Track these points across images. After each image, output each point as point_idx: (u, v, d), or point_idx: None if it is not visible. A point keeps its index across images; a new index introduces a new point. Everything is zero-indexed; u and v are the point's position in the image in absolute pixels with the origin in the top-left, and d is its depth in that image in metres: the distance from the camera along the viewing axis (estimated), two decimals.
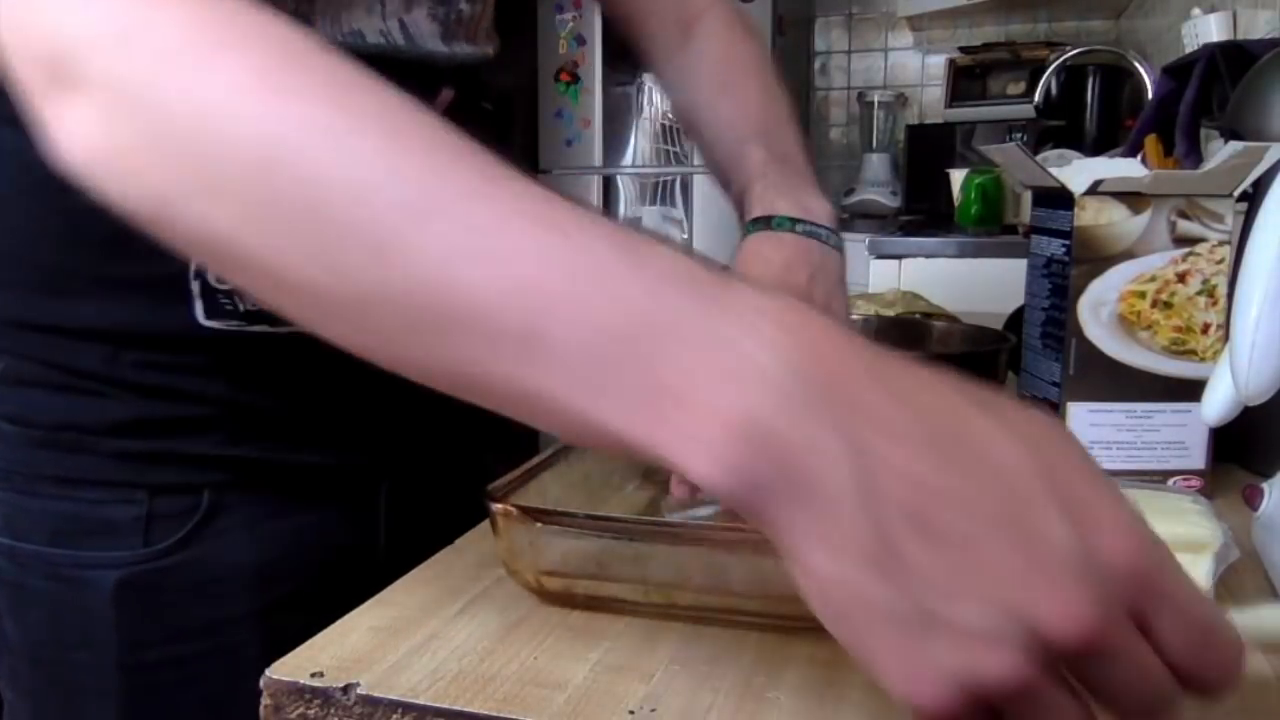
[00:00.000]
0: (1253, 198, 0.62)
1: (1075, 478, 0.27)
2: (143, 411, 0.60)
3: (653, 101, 3.03)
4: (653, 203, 2.91)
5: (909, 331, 0.98)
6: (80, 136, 0.37)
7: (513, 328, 0.30)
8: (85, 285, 0.57)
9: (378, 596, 0.50)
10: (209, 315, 0.58)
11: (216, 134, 0.34)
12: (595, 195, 2.97)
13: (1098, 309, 0.63)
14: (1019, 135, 2.64)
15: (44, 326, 0.58)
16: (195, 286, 0.57)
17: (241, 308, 0.58)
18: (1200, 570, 0.47)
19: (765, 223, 0.61)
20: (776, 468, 0.27)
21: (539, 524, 0.46)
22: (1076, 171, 0.64)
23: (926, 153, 2.91)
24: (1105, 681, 0.27)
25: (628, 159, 2.96)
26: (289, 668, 0.42)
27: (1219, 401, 0.51)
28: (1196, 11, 1.64)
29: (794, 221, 0.61)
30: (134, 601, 0.60)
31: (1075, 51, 2.38)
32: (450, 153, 0.33)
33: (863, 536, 0.27)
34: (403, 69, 0.60)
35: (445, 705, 0.39)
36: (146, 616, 0.61)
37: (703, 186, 2.92)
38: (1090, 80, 2.51)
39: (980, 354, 0.85)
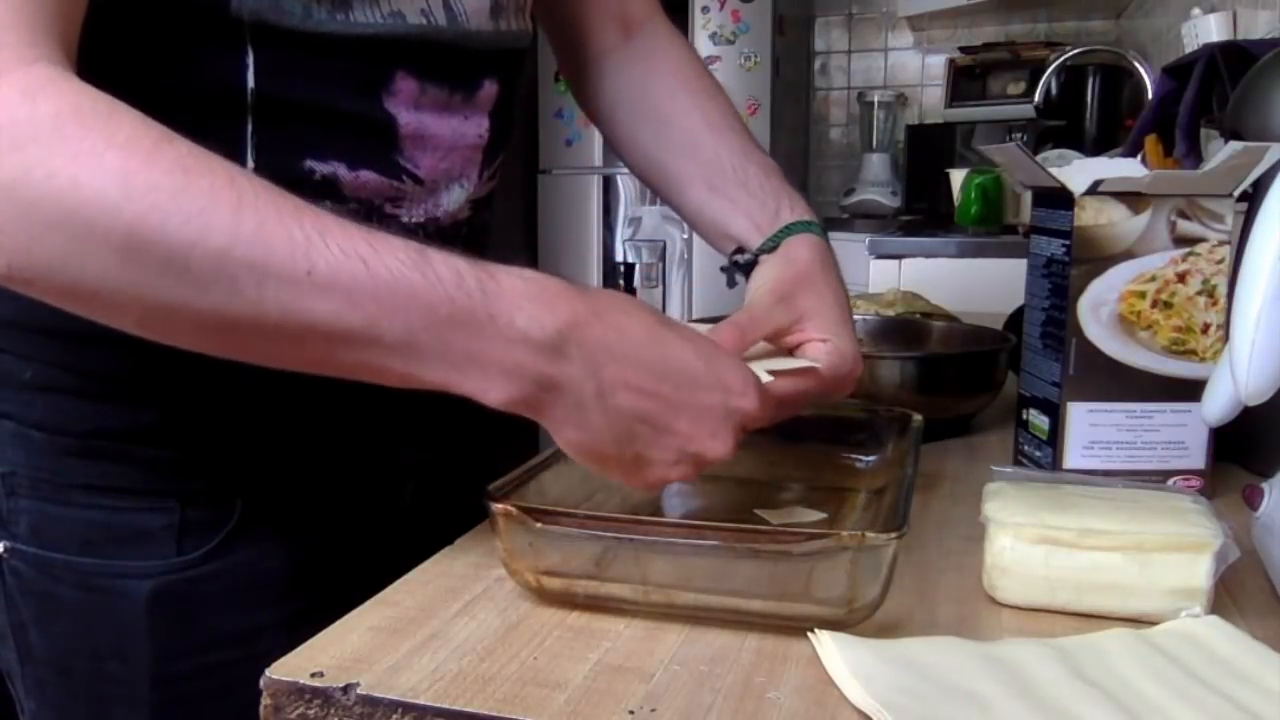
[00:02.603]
0: (1253, 198, 0.62)
1: (721, 363, 0.50)
2: (174, 419, 0.59)
3: None
4: (652, 203, 2.91)
5: (909, 331, 0.98)
6: None
7: (354, 337, 0.45)
8: None
9: (378, 596, 0.50)
10: None
11: (95, 221, 0.42)
12: (595, 195, 2.97)
13: (1098, 309, 0.63)
14: (1019, 135, 2.64)
15: (73, 333, 0.57)
16: None
17: None
18: (1200, 570, 0.47)
19: (801, 227, 0.65)
20: (543, 390, 0.47)
21: (539, 524, 0.46)
22: (1076, 171, 0.64)
23: (926, 153, 2.91)
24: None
25: None
26: (289, 668, 0.42)
27: (1219, 401, 0.51)
28: (1196, 11, 1.64)
29: (809, 224, 0.66)
30: (167, 611, 0.60)
31: (1075, 51, 2.38)
32: (279, 216, 0.44)
33: (599, 420, 0.48)
34: (444, 57, 0.60)
35: (445, 705, 0.39)
36: (179, 626, 0.60)
37: None
38: (1090, 80, 2.52)
39: (980, 354, 0.85)
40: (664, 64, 0.75)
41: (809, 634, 0.44)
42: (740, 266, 0.67)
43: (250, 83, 0.54)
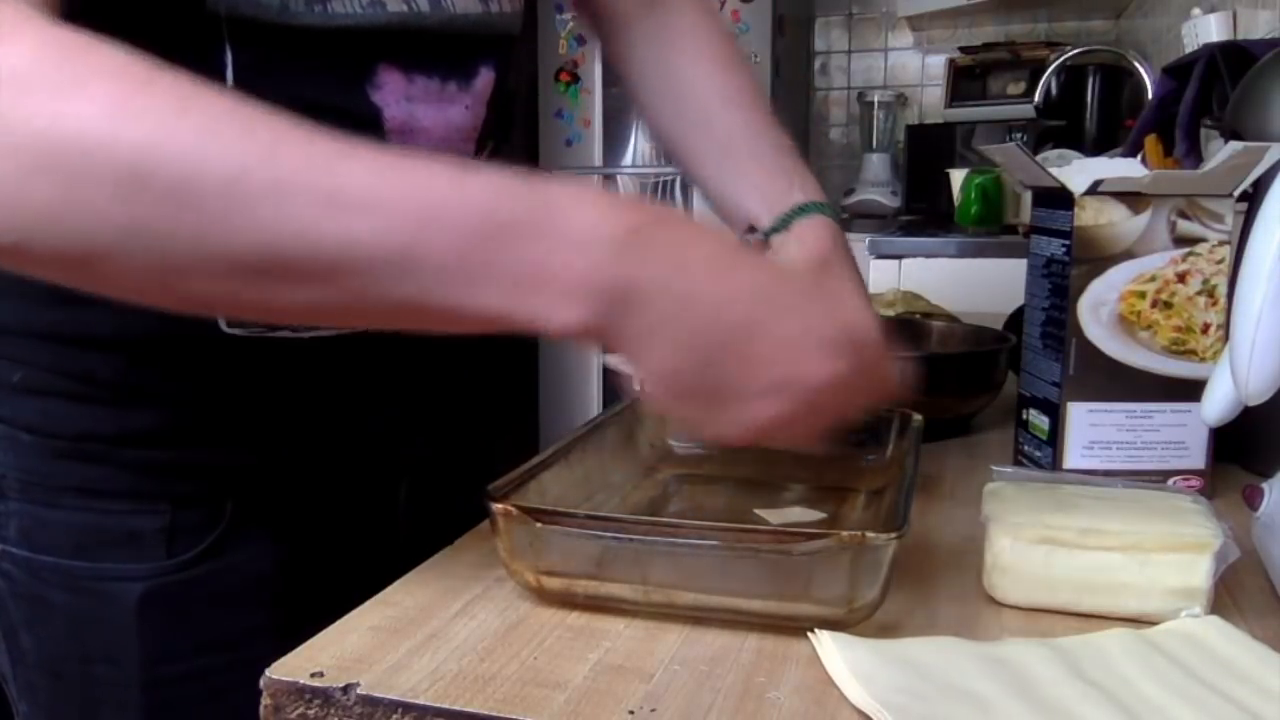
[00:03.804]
0: (1253, 198, 0.62)
1: (829, 280, 0.45)
2: (165, 421, 0.59)
3: None
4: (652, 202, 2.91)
5: (909, 331, 0.98)
6: None
7: (391, 262, 0.38)
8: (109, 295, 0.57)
9: (378, 596, 0.50)
10: (231, 322, 0.57)
11: (88, 157, 0.37)
12: None
13: (1098, 309, 0.63)
14: (1019, 135, 2.64)
15: (64, 336, 0.57)
16: None
17: None
18: (1200, 570, 0.47)
19: (814, 208, 0.65)
20: (619, 306, 0.39)
21: (539, 524, 0.46)
22: (1076, 171, 0.64)
23: (926, 153, 2.91)
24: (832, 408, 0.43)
25: (628, 159, 2.96)
26: (289, 668, 0.42)
27: (1219, 401, 0.51)
28: (1196, 11, 1.64)
29: (822, 206, 0.66)
30: (158, 614, 0.59)
31: (1075, 51, 2.38)
32: (294, 134, 0.39)
33: (683, 336, 0.40)
34: (429, 46, 0.58)
35: (445, 705, 0.39)
36: (170, 629, 0.60)
37: None
38: (1090, 80, 2.52)
39: (980, 354, 0.85)
40: (685, 35, 0.74)
41: (809, 634, 0.44)
42: (750, 246, 0.66)
43: (229, 80, 0.53)
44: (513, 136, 0.69)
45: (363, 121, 0.57)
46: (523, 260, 0.39)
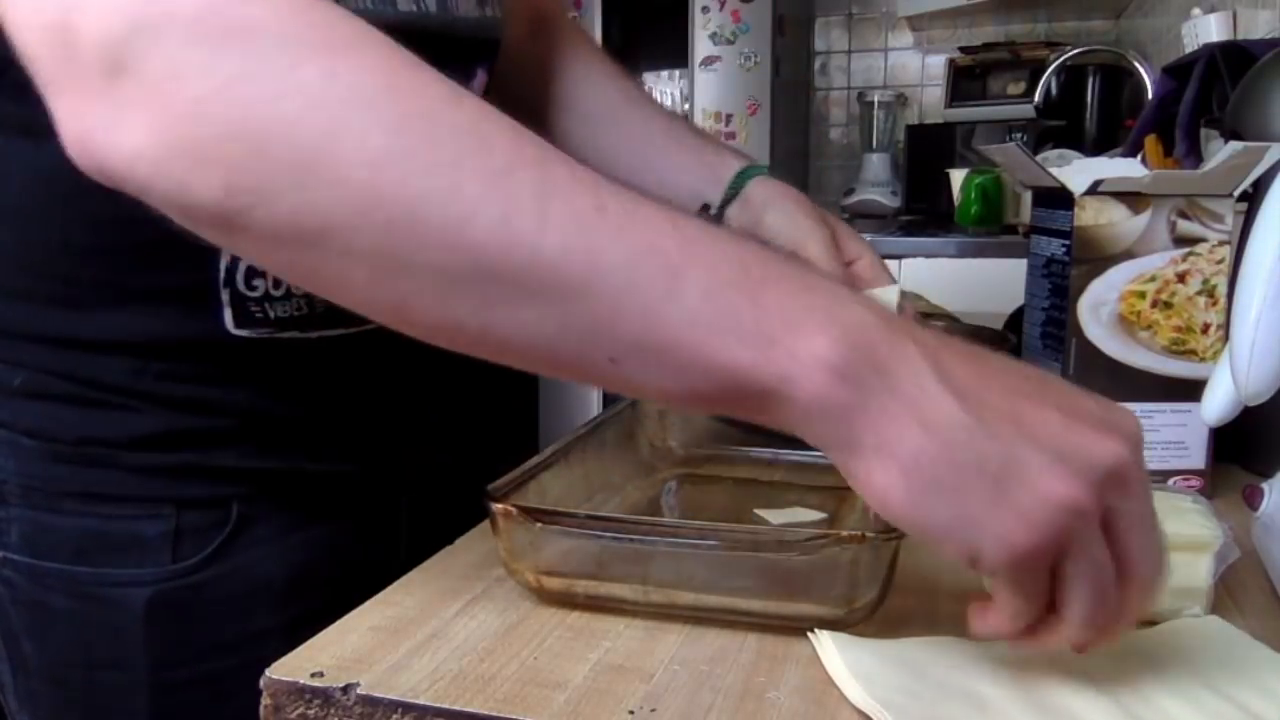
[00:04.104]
0: (1253, 198, 0.62)
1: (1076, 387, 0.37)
2: (169, 424, 0.59)
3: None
4: None
5: None
6: (138, 129, 0.35)
7: (649, 290, 0.35)
8: (111, 296, 0.56)
9: (378, 596, 0.50)
10: (239, 324, 0.57)
11: (349, 115, 0.34)
12: None
13: (1098, 309, 0.63)
14: (1019, 135, 2.64)
15: (67, 340, 0.57)
16: (225, 295, 0.56)
17: (272, 315, 0.57)
18: (1200, 570, 0.47)
19: (755, 170, 0.66)
20: (872, 367, 0.34)
21: (539, 524, 0.46)
22: (1076, 171, 0.64)
23: (926, 153, 2.91)
24: (1122, 523, 0.35)
25: None
26: (289, 668, 0.42)
27: (1219, 401, 0.51)
28: (1196, 11, 1.64)
29: (762, 167, 0.67)
30: (164, 619, 0.59)
31: (1075, 51, 2.38)
32: (555, 151, 0.36)
33: (948, 406, 0.34)
34: (435, 45, 0.59)
35: (445, 705, 0.39)
36: (176, 634, 0.60)
37: None
38: (1090, 80, 2.51)
39: None
40: (573, 55, 0.77)
41: (809, 634, 0.44)
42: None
43: None
44: None
45: None
46: (778, 313, 0.35)
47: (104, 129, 0.36)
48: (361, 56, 0.35)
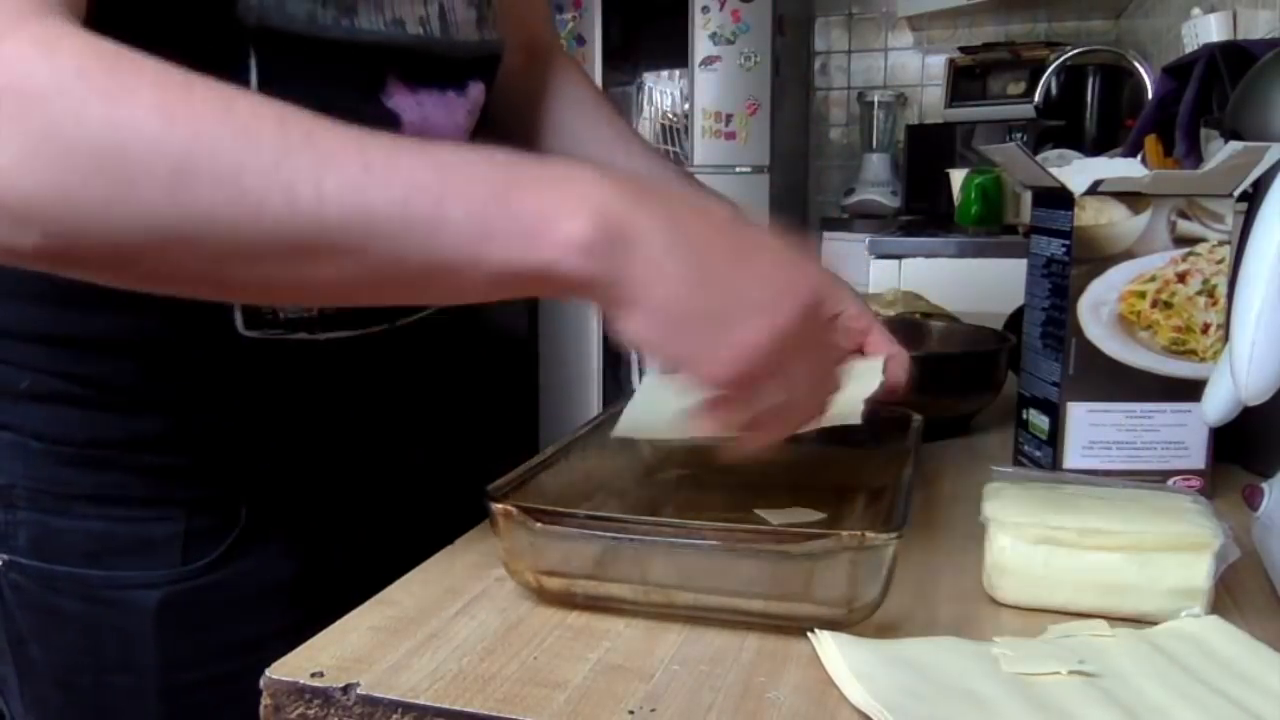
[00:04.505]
0: (1253, 198, 0.62)
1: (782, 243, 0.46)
2: (178, 426, 0.59)
3: (653, 101, 3.03)
4: None
5: (909, 331, 0.98)
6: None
7: (420, 224, 0.41)
8: (119, 299, 0.56)
9: (378, 596, 0.50)
10: (248, 325, 0.57)
11: (141, 157, 0.40)
12: None
13: (1098, 309, 0.63)
14: (1019, 135, 2.64)
15: (76, 341, 0.57)
16: None
17: (282, 316, 0.57)
18: (1200, 570, 0.47)
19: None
20: (620, 241, 0.42)
21: (539, 524, 0.46)
22: (1076, 171, 0.64)
23: (926, 153, 2.91)
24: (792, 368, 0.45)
25: None
26: (289, 668, 0.42)
27: (1219, 401, 0.51)
28: (1196, 11, 1.64)
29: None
30: (175, 621, 0.59)
31: (1075, 51, 2.38)
32: (324, 123, 0.42)
33: (681, 267, 0.42)
34: (433, 64, 0.62)
35: (445, 705, 0.39)
36: (187, 635, 0.60)
37: None
38: (1090, 80, 2.52)
39: (980, 354, 0.85)
40: (564, 89, 0.81)
41: (809, 634, 0.44)
42: None
43: (253, 86, 0.54)
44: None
45: (380, 125, 0.58)
46: (533, 212, 0.42)
47: None
48: (137, 99, 0.40)
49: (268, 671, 0.42)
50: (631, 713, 0.39)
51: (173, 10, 0.51)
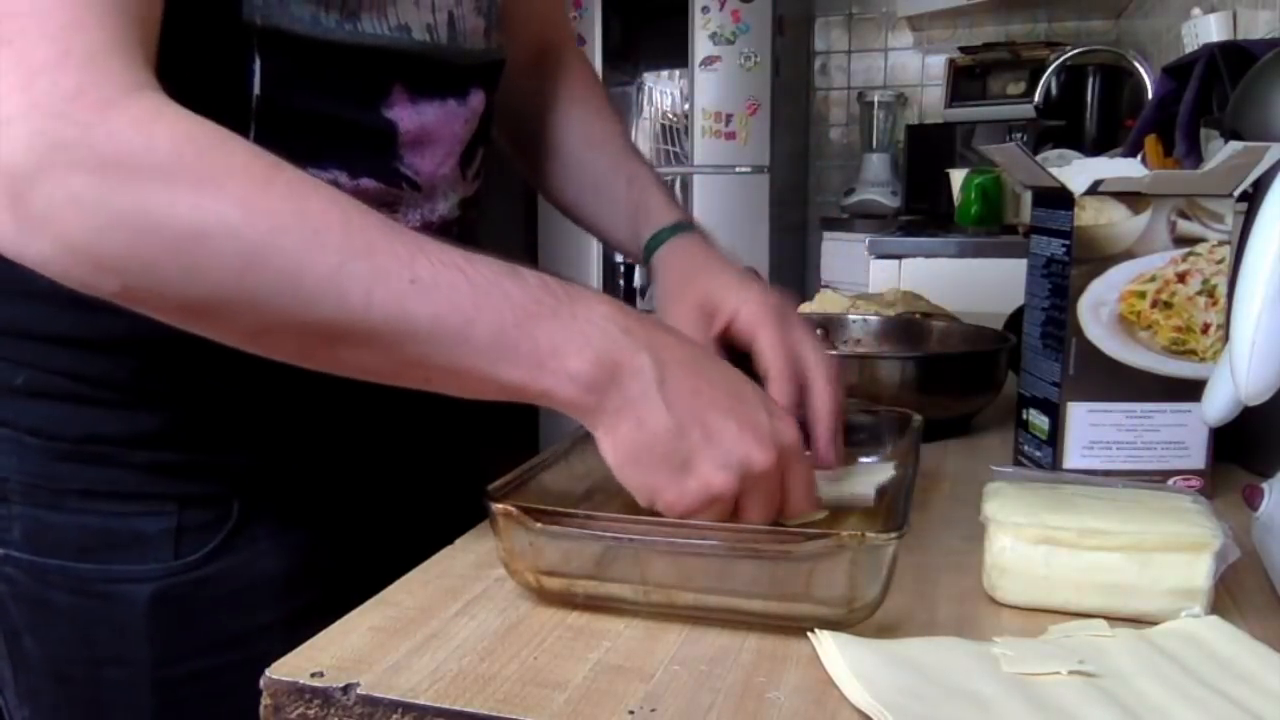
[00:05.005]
0: (1253, 198, 0.62)
1: (760, 392, 0.52)
2: (171, 422, 0.59)
3: (653, 101, 3.03)
4: None
5: (909, 331, 0.98)
6: (44, 246, 0.44)
7: (448, 338, 0.47)
8: None
9: (378, 596, 0.50)
10: None
11: (217, 244, 0.44)
12: None
13: (1098, 309, 0.63)
14: (1019, 135, 2.64)
15: (71, 339, 0.57)
16: None
17: None
18: (1200, 570, 0.47)
19: (673, 230, 0.73)
20: (611, 377, 0.48)
21: (539, 524, 0.46)
22: (1076, 171, 0.64)
23: (926, 153, 2.91)
24: (758, 498, 0.49)
25: None
26: (289, 668, 0.42)
27: (1219, 401, 0.51)
28: (1196, 11, 1.64)
29: (674, 229, 0.73)
30: (167, 615, 0.60)
31: (1075, 51, 2.38)
32: (383, 231, 0.47)
33: (658, 413, 0.48)
34: (437, 71, 0.63)
35: (445, 705, 0.39)
36: (179, 629, 0.60)
37: (703, 186, 2.92)
38: (1090, 80, 2.52)
39: (980, 354, 0.85)
40: (557, 91, 0.81)
41: (809, 634, 0.44)
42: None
43: (256, 89, 0.54)
44: (492, 133, 0.73)
45: (378, 135, 0.59)
46: (550, 340, 0.47)
47: (11, 240, 0.45)
48: (222, 189, 0.44)
49: (268, 671, 0.42)
50: (631, 713, 0.39)
51: (179, 10, 0.51)
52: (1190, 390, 0.62)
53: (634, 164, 0.78)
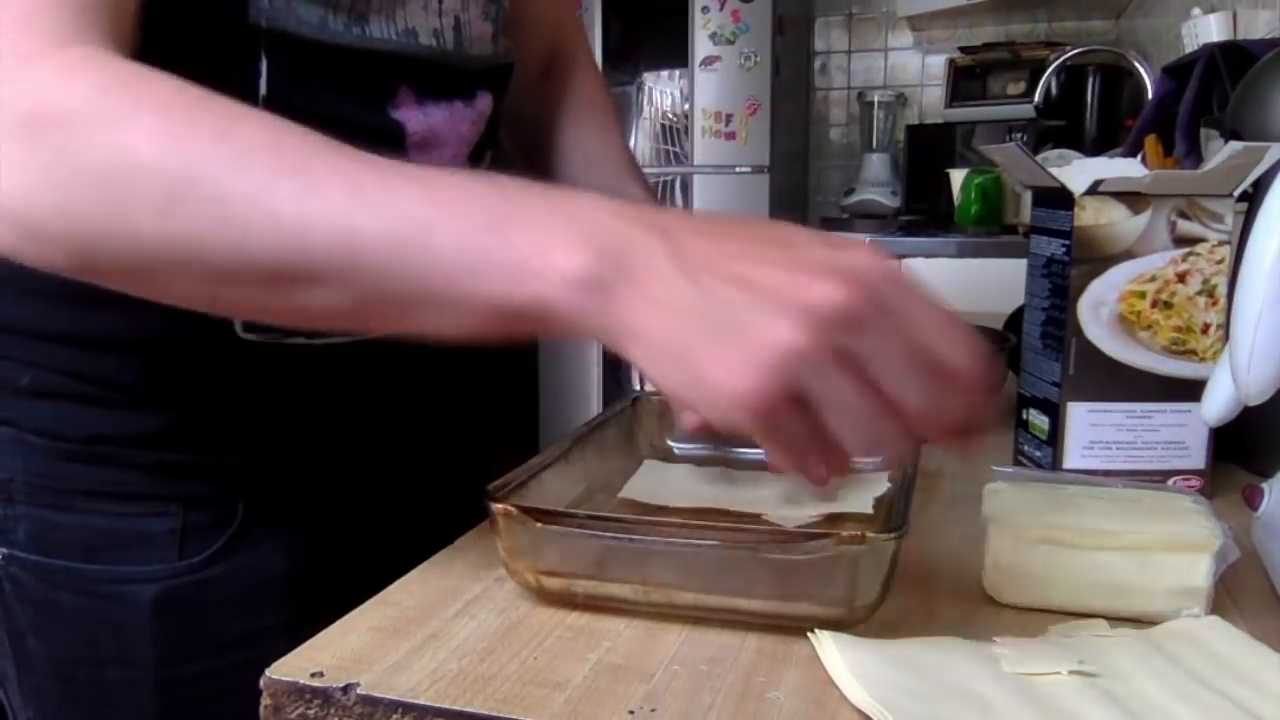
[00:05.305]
0: (1253, 198, 0.62)
1: (830, 238, 0.40)
2: (176, 423, 0.59)
3: (653, 101, 3.03)
4: None
5: None
6: (11, 184, 0.41)
7: (409, 250, 0.39)
8: (120, 296, 0.57)
9: (378, 596, 0.50)
10: (246, 328, 0.57)
11: (132, 180, 0.40)
12: None
13: (1098, 309, 0.63)
14: (1019, 135, 2.64)
15: (77, 339, 0.58)
16: None
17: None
18: (1200, 570, 0.47)
19: None
20: (615, 267, 0.38)
21: (539, 524, 0.46)
22: (1076, 171, 0.64)
23: (926, 153, 2.91)
24: (868, 362, 0.36)
25: None
26: (289, 668, 0.42)
27: (1219, 401, 0.51)
28: (1196, 11, 1.64)
29: None
30: (172, 615, 0.60)
31: (1075, 51, 2.38)
32: (317, 147, 0.41)
33: (681, 288, 0.37)
34: (443, 75, 0.63)
35: (445, 705, 0.39)
36: (183, 630, 0.60)
37: (703, 186, 2.92)
38: (1090, 80, 2.52)
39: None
40: (564, 101, 0.81)
41: (809, 634, 0.44)
42: None
43: (262, 90, 0.54)
44: (499, 136, 0.73)
45: (386, 136, 0.59)
46: (527, 243, 0.39)
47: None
48: (138, 123, 0.41)
49: (268, 671, 0.42)
50: (631, 713, 0.39)
51: (185, 12, 0.51)
52: (1190, 390, 0.62)
53: (627, 183, 0.78)
